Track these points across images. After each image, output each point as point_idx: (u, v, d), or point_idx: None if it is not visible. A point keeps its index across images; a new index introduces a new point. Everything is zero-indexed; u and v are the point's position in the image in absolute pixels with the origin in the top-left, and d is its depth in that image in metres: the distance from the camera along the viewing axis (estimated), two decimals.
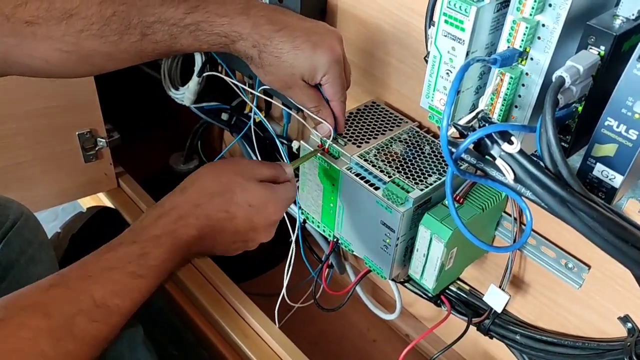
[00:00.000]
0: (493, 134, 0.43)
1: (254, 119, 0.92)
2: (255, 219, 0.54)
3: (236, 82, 0.77)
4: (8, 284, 0.72)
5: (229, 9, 0.54)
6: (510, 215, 0.67)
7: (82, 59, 0.51)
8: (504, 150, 0.43)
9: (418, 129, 0.71)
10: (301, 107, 0.63)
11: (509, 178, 0.44)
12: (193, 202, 0.51)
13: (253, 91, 0.84)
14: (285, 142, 0.91)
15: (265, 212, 0.54)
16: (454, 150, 0.44)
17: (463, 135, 0.47)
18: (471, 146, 0.45)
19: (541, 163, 0.43)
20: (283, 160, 0.78)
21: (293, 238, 0.71)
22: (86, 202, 1.12)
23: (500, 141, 0.43)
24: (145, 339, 0.80)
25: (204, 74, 0.95)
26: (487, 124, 0.44)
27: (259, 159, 0.92)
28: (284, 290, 0.75)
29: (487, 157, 0.45)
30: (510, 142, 0.42)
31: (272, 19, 0.55)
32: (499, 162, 0.44)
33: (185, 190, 0.52)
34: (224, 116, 1.01)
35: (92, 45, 0.50)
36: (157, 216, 0.50)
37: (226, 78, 0.78)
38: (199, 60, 0.96)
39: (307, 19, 0.58)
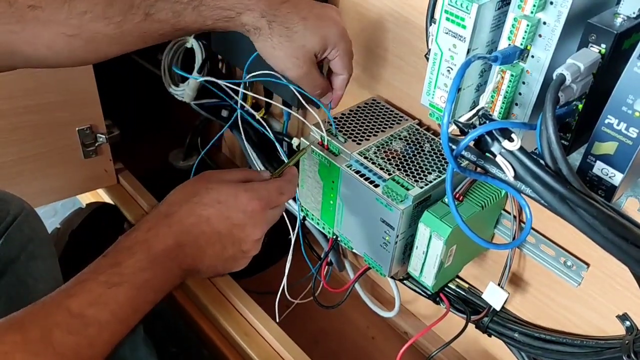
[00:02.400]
0: (493, 131, 0.43)
1: (254, 116, 0.92)
2: (231, 215, 0.52)
3: (229, 85, 0.76)
4: (8, 280, 0.72)
5: None
6: (509, 213, 0.68)
7: (86, 44, 0.51)
8: (504, 148, 0.43)
9: (418, 127, 0.71)
10: (302, 89, 0.61)
11: (509, 175, 0.44)
12: (162, 213, 0.50)
13: (247, 93, 0.84)
14: (285, 139, 0.91)
15: (239, 204, 0.52)
16: (454, 147, 0.44)
17: (463, 133, 0.47)
18: (471, 143, 0.45)
19: (541, 160, 0.43)
20: (282, 158, 0.78)
21: (293, 235, 0.71)
22: (86, 198, 1.12)
23: (500, 138, 0.43)
24: (146, 338, 0.80)
25: (201, 79, 0.95)
26: (487, 121, 0.44)
27: (254, 154, 0.92)
28: (284, 285, 0.75)
29: (487, 154, 0.45)
30: (511, 140, 0.43)
31: None
32: (499, 159, 0.44)
33: (155, 208, 0.52)
34: (224, 113, 1.01)
35: (95, 27, 0.49)
36: (129, 232, 0.49)
37: (220, 81, 0.76)
38: (199, 56, 0.96)
39: None
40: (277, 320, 0.80)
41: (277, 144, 0.82)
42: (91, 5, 0.48)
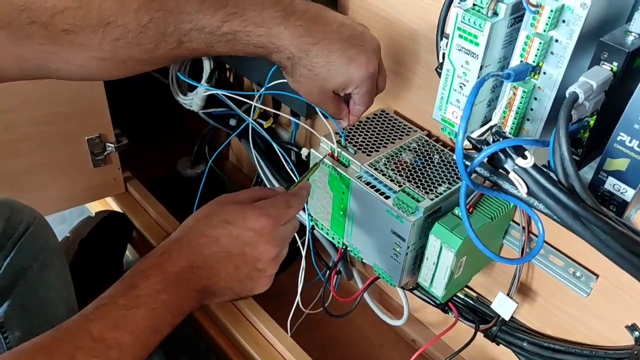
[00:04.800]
0: (507, 148, 0.44)
1: (262, 125, 0.93)
2: (240, 234, 0.53)
3: (239, 95, 0.77)
4: (21, 289, 0.73)
5: (267, 17, 0.51)
6: (518, 224, 0.68)
7: (118, 65, 0.51)
8: (517, 165, 0.44)
9: (427, 138, 0.72)
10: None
11: (522, 192, 0.44)
12: (174, 238, 0.52)
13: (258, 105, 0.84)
14: (293, 148, 0.91)
15: (247, 223, 0.53)
16: (468, 163, 0.44)
17: (476, 148, 0.47)
18: (485, 159, 0.45)
19: (554, 176, 0.43)
20: (288, 167, 0.79)
21: (304, 245, 0.72)
22: (94, 206, 1.12)
23: (514, 155, 0.44)
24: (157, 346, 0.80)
25: (207, 94, 0.96)
26: (501, 139, 0.45)
27: (262, 163, 0.93)
28: (298, 298, 0.75)
29: (500, 170, 0.46)
30: (524, 157, 0.43)
31: (310, 29, 0.53)
32: (512, 175, 0.44)
33: (171, 234, 0.53)
34: (232, 122, 1.02)
35: (128, 52, 0.49)
36: (145, 257, 0.51)
37: (224, 94, 0.76)
38: (207, 66, 0.97)
39: (346, 25, 0.55)
40: (290, 334, 0.81)
41: (283, 154, 0.83)
42: (125, 33, 0.47)
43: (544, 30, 0.44)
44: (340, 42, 0.54)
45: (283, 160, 0.81)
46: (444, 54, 0.55)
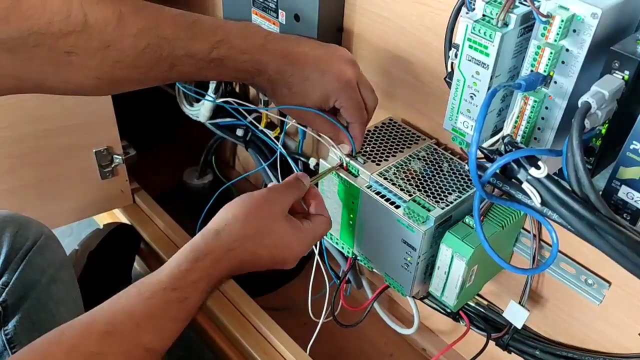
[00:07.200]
0: (520, 158, 0.44)
1: (268, 134, 0.93)
2: (278, 257, 0.57)
3: (244, 108, 0.77)
4: (30, 304, 0.73)
5: (250, 44, 0.56)
6: (529, 232, 0.68)
7: (111, 84, 0.54)
8: (530, 175, 0.44)
9: (436, 146, 0.72)
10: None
11: (536, 202, 0.44)
12: (227, 246, 0.54)
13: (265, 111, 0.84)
14: (301, 158, 0.91)
15: (289, 250, 0.58)
16: (481, 174, 0.44)
17: (488, 158, 0.47)
18: (497, 170, 0.45)
19: (567, 185, 0.43)
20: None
21: (316, 255, 0.72)
22: (102, 218, 1.13)
23: (527, 165, 0.44)
24: (165, 358, 0.80)
25: (218, 101, 0.96)
26: (513, 149, 0.45)
27: (270, 173, 0.93)
28: (309, 305, 0.75)
29: (513, 180, 0.46)
30: (538, 167, 0.43)
31: (285, 53, 0.57)
32: (525, 185, 0.44)
33: (219, 234, 0.54)
34: (239, 132, 1.02)
35: (123, 74, 0.51)
36: (194, 260, 0.52)
37: (234, 102, 0.77)
38: None
39: (321, 47, 0.59)
40: (308, 352, 0.81)
41: (292, 162, 0.83)
42: (123, 56, 0.50)
43: (555, 40, 0.44)
44: (313, 59, 0.58)
45: (294, 169, 0.81)
46: (452, 63, 0.55)
